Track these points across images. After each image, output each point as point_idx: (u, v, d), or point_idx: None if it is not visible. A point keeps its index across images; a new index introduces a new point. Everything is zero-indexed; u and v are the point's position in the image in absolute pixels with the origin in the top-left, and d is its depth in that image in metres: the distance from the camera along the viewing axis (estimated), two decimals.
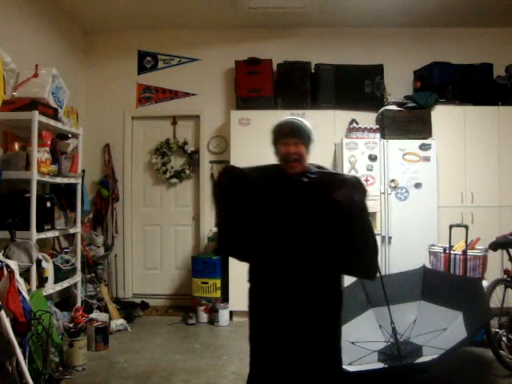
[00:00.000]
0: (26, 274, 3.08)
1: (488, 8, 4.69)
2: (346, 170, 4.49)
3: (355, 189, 1.97)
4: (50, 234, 3.62)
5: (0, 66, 3.23)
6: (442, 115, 4.70)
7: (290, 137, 2.02)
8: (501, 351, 3.17)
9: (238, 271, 2.60)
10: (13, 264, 2.65)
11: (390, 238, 4.45)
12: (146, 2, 4.59)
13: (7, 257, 2.75)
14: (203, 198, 5.24)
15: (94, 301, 4.34)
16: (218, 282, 4.68)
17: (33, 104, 3.35)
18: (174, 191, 5.37)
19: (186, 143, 5.27)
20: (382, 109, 4.77)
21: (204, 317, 4.61)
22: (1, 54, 3.27)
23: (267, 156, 2.21)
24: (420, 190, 4.49)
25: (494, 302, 3.35)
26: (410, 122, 4.63)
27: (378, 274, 3.05)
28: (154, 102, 5.36)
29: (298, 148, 2.01)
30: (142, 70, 5.38)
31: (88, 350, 3.57)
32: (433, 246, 4.05)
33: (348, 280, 3.24)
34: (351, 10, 4.78)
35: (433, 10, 4.74)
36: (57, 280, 3.64)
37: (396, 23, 5.08)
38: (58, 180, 3.74)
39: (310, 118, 4.70)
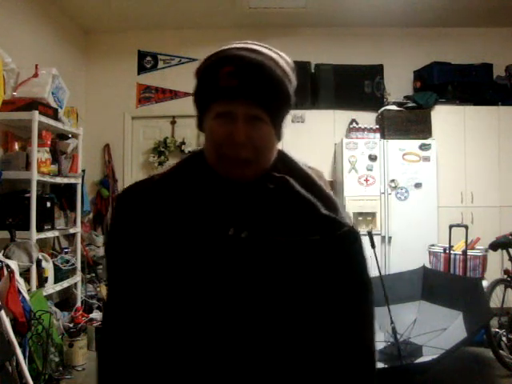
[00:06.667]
0: (26, 274, 3.08)
1: (488, 8, 4.68)
2: (346, 170, 4.49)
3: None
4: (49, 234, 3.62)
5: (0, 66, 3.23)
6: (442, 115, 4.70)
7: (239, 98, 0.84)
8: (501, 351, 3.17)
9: None
10: (13, 264, 2.65)
11: (390, 237, 4.45)
12: (146, 1, 4.59)
13: (7, 257, 2.75)
14: None
15: (94, 301, 4.33)
16: None
17: (33, 104, 3.35)
18: None
19: (183, 143, 5.25)
20: (382, 109, 4.76)
21: None
22: (1, 54, 3.26)
23: None
24: (420, 190, 4.49)
25: (494, 301, 3.35)
26: (410, 122, 4.63)
27: (378, 274, 3.08)
28: (153, 102, 5.35)
29: (257, 129, 0.85)
30: (141, 69, 5.38)
31: (88, 349, 3.56)
32: (433, 245, 4.05)
33: None
34: (351, 10, 4.78)
35: (433, 10, 4.74)
36: (57, 280, 3.64)
37: (396, 23, 5.08)
38: (58, 180, 3.74)
39: (310, 118, 4.80)
